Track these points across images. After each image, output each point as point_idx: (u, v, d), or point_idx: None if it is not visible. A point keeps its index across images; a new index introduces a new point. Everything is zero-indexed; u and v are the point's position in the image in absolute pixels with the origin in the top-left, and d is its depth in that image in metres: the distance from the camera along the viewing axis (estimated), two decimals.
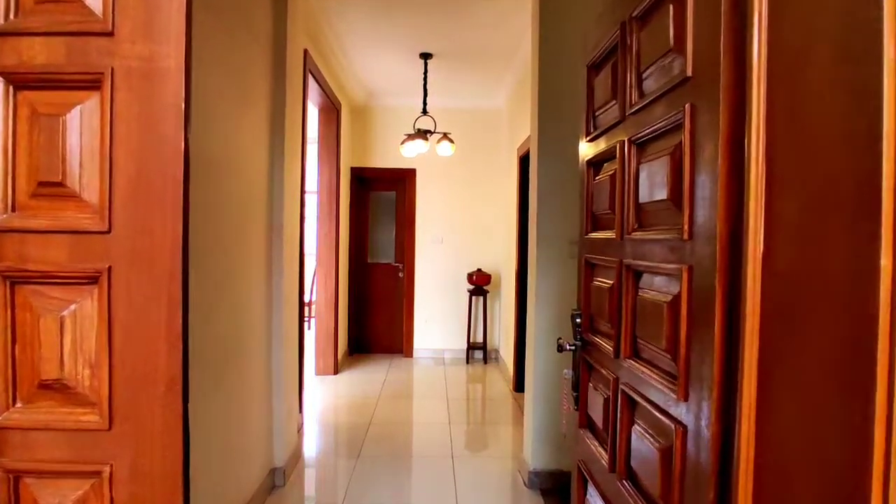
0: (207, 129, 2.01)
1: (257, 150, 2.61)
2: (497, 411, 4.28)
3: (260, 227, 2.65)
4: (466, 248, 6.00)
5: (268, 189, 2.76)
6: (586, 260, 1.56)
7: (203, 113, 1.97)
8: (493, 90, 5.51)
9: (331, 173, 5.15)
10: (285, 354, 2.93)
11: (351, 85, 5.26)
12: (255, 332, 2.59)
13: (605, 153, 1.40)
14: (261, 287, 2.68)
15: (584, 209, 1.60)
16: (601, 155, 1.44)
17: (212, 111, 2.04)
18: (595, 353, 1.48)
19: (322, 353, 5.18)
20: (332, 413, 4.14)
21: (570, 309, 2.98)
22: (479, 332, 5.99)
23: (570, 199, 2.87)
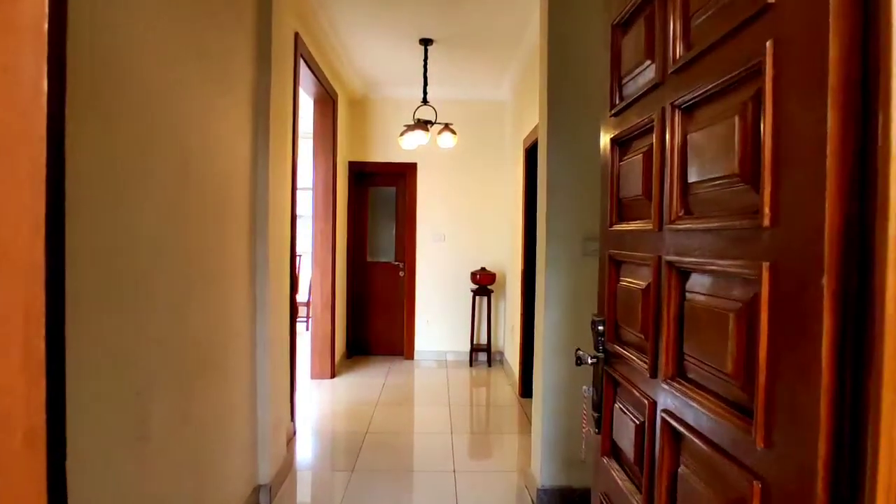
0: (181, 117, 1.78)
1: (238, 140, 2.37)
2: (502, 419, 4.03)
3: (241, 225, 2.41)
4: (470, 246, 5.76)
5: (250, 183, 2.51)
6: (610, 257, 1.32)
7: (175, 98, 1.73)
8: (497, 80, 5.26)
9: (327, 168, 4.91)
10: (272, 361, 2.69)
11: (347, 74, 5.02)
12: (236, 338, 2.35)
13: (637, 127, 1.15)
14: (243, 289, 2.44)
15: (607, 197, 1.35)
16: (630, 130, 1.19)
17: (186, 97, 1.80)
18: (622, 368, 1.23)
19: (318, 356, 4.94)
20: (327, 420, 3.91)
21: (584, 312, 2.74)
22: (482, 333, 5.75)
23: (584, 190, 2.62)
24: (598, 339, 1.37)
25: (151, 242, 1.62)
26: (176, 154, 1.77)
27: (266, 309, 2.62)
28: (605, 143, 1.40)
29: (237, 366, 2.36)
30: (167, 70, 1.71)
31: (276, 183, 2.73)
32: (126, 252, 1.48)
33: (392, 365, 5.53)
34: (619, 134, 1.27)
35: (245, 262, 2.46)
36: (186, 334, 1.85)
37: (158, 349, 1.66)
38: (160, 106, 1.66)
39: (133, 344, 1.52)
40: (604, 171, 1.41)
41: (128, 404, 1.50)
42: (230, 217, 2.28)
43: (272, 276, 2.67)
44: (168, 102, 1.71)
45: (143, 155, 1.57)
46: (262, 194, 2.60)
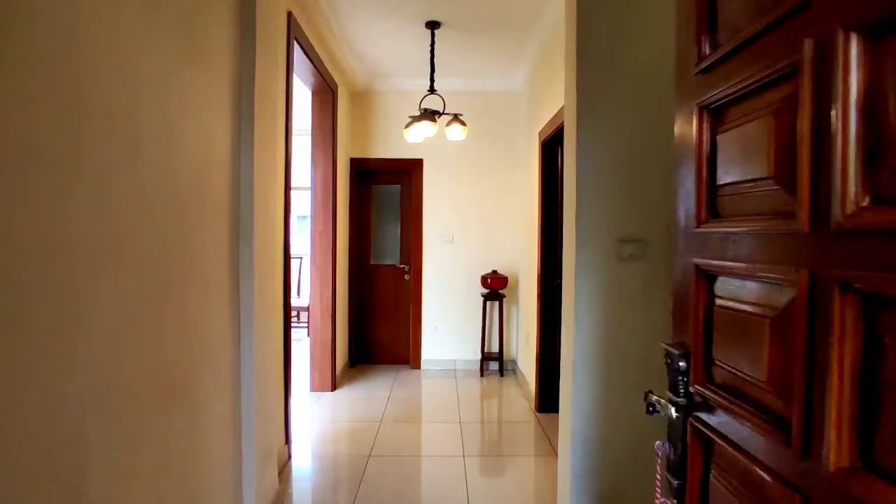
0: (127, 78, 1.42)
1: (216, 124, 2.02)
2: (519, 438, 3.66)
3: (221, 225, 2.06)
4: (480, 248, 5.39)
5: (231, 176, 2.16)
6: (697, 268, 0.95)
7: (116, 50, 1.37)
8: (510, 69, 4.89)
9: (326, 164, 4.56)
10: (260, 382, 2.33)
11: (348, 63, 4.66)
12: (212, 359, 1.99)
13: (755, 79, 0.79)
14: (222, 299, 2.08)
15: (689, 185, 0.98)
16: (739, 85, 0.82)
17: (132, 51, 1.45)
18: (724, 426, 0.86)
19: (318, 366, 4.59)
20: (327, 441, 3.55)
21: (620, 326, 2.36)
22: (493, 341, 5.38)
23: (618, 186, 2.25)
24: (677, 379, 1.00)
25: (85, 244, 1.26)
26: (122, 128, 1.42)
27: (252, 321, 2.26)
28: (682, 112, 1.03)
29: (214, 392, 2.00)
30: (142, 39, 1.35)
31: (264, 177, 2.38)
32: (42, 256, 1.12)
33: (397, 375, 5.18)
34: (712, 96, 0.91)
35: (225, 268, 2.11)
36: (139, 361, 1.50)
37: (93, 384, 1.30)
38: (93, 58, 1.31)
39: (51, 380, 1.16)
40: (680, 150, 1.05)
41: (47, 461, 1.14)
42: (206, 214, 1.92)
43: (260, 284, 2.31)
44: (106, 56, 1.36)
45: (69, 124, 1.21)
46: (246, 189, 2.24)
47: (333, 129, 4.55)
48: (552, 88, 3.81)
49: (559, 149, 4.02)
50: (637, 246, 2.25)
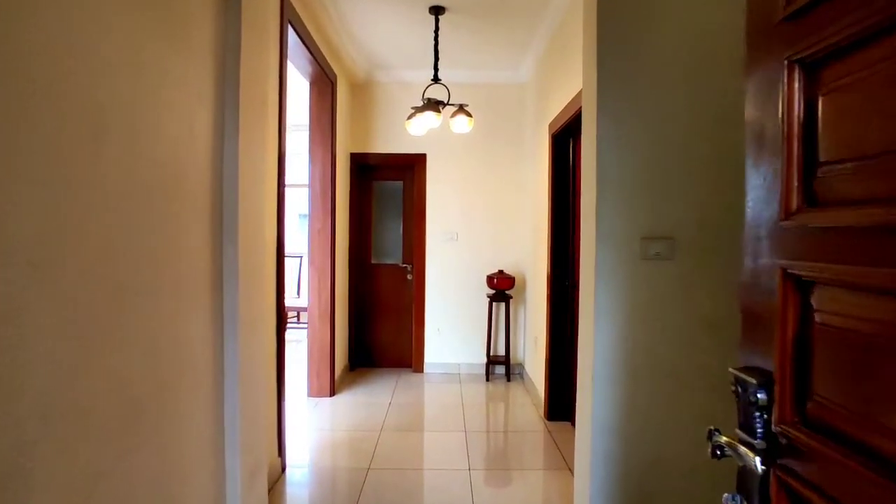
0: (84, 49, 1.21)
1: (195, 109, 1.80)
2: (528, 449, 3.44)
3: (199, 223, 1.84)
4: (486, 246, 5.17)
5: (213, 168, 1.94)
6: (786, 273, 0.72)
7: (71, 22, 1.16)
8: (516, 59, 4.67)
9: (325, 159, 4.34)
10: (246, 392, 2.12)
11: (347, 52, 4.44)
12: (188, 370, 1.78)
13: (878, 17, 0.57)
14: (202, 304, 1.87)
15: (776, 164, 0.76)
16: (857, 27, 0.60)
17: (96, 31, 1.23)
18: (831, 484, 0.64)
19: (316, 371, 4.38)
20: (325, 452, 3.34)
21: (645, 332, 2.12)
22: (500, 343, 5.16)
23: (642, 179, 2.03)
24: (751, 414, 0.78)
25: (25, 247, 1.05)
26: (78, 111, 1.20)
27: (237, 326, 2.05)
28: (760, 73, 0.81)
29: (191, 407, 1.79)
30: None
31: (252, 169, 2.16)
32: None
33: (399, 379, 4.96)
34: (810, 46, 0.68)
35: (206, 270, 1.89)
36: (95, 379, 1.28)
37: (37, 408, 1.09)
38: (41, 28, 1.09)
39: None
40: (755, 122, 0.82)
41: None
42: (182, 210, 1.71)
43: (246, 285, 2.10)
44: (60, 25, 1.14)
45: (6, 105, 1.00)
46: (230, 183, 2.03)
47: (332, 122, 4.34)
48: (563, 78, 3.58)
49: (571, 141, 3.80)
50: (664, 244, 2.03)
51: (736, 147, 2.10)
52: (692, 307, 2.02)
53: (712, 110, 2.01)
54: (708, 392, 2.02)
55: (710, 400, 2.02)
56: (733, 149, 2.01)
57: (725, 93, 1.99)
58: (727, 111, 2.00)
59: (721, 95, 2.01)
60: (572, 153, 3.79)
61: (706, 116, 2.02)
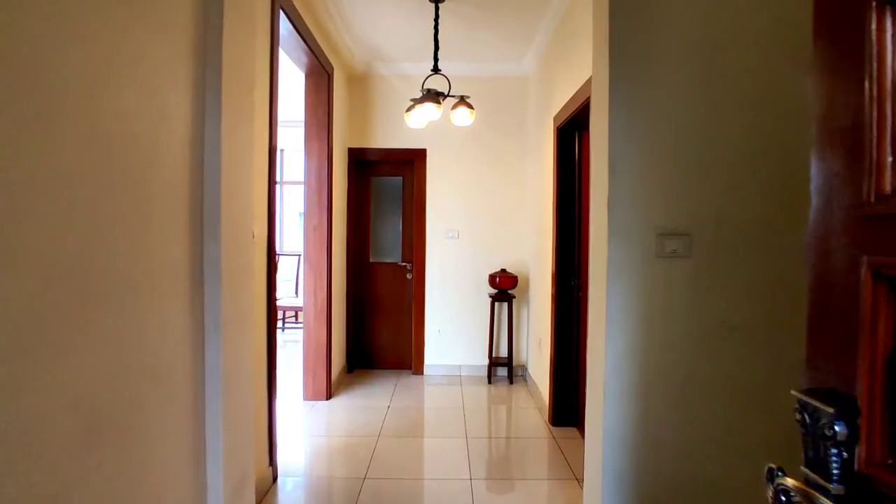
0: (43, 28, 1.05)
1: (171, 94, 1.65)
2: (533, 457, 3.28)
3: (176, 217, 1.69)
4: (487, 244, 5.01)
5: (192, 158, 1.79)
6: (878, 273, 0.57)
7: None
8: (519, 50, 4.50)
9: (321, 153, 4.19)
10: (231, 400, 1.97)
11: (344, 42, 4.29)
12: (163, 379, 1.62)
13: None
14: (179, 304, 1.71)
15: (874, 131, 0.60)
16: None
17: None
18: None
19: (311, 373, 4.23)
20: (320, 459, 3.18)
21: (658, 336, 1.93)
22: (502, 344, 5.00)
23: (657, 170, 1.87)
24: (825, 450, 0.62)
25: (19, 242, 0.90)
26: (28, 89, 1.05)
27: (220, 329, 1.89)
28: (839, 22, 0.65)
29: (166, 417, 1.64)
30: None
31: (237, 160, 2.00)
32: None
33: (399, 381, 4.81)
34: None
35: (184, 267, 1.74)
36: (42, 396, 1.13)
37: None
38: None
39: None
40: (825, 85, 0.66)
41: None
42: (154, 203, 1.55)
43: (230, 284, 1.94)
44: None
45: None
46: (212, 172, 1.87)
47: (329, 115, 4.18)
48: (569, 68, 3.42)
49: (577, 134, 3.64)
50: (680, 241, 1.87)
51: (760, 133, 1.94)
52: (710, 309, 1.87)
53: (734, 93, 1.86)
54: (729, 403, 1.86)
55: (731, 412, 1.87)
56: (757, 135, 1.85)
57: (749, 71, 1.83)
58: (750, 92, 1.84)
59: (743, 75, 1.85)
60: (578, 146, 3.63)
61: (727, 100, 1.86)
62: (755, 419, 1.85)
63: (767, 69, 1.84)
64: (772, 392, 1.84)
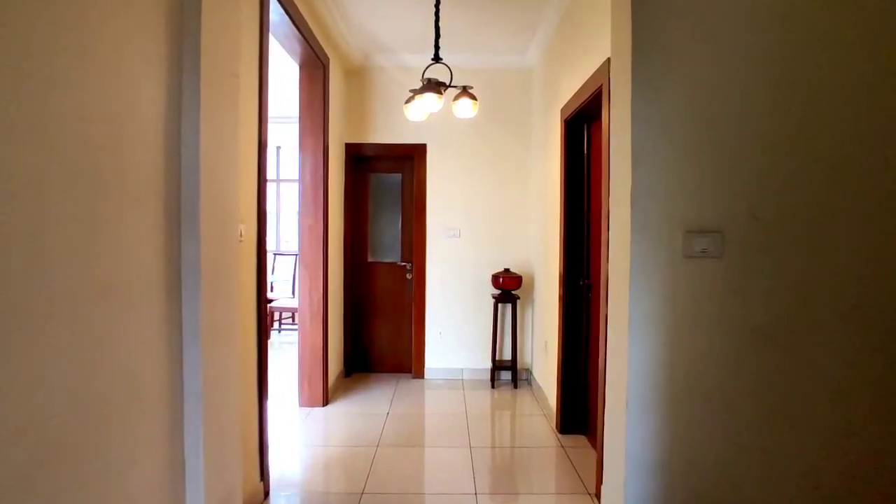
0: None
1: (141, 82, 1.46)
2: (542, 468, 3.10)
3: (147, 214, 1.51)
4: (490, 243, 4.83)
5: (167, 151, 1.60)
6: None
7: None
8: (524, 42, 4.31)
9: (316, 149, 4.00)
10: (211, 412, 1.78)
11: (341, 32, 4.10)
12: (136, 392, 1.44)
13: None
14: (152, 312, 1.53)
15: None
16: None
17: None
18: None
19: (307, 378, 4.04)
20: (314, 473, 3.00)
21: (686, 345, 1.68)
22: (506, 347, 4.82)
23: (686, 159, 1.69)
24: None
25: None
26: None
27: (199, 337, 1.71)
28: None
29: (133, 436, 1.45)
30: None
31: (219, 153, 1.82)
32: None
33: (398, 385, 4.63)
34: None
35: (157, 269, 1.56)
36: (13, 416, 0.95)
37: None
38: None
39: None
40: None
41: None
42: (121, 198, 1.37)
43: (211, 288, 1.76)
44: None
45: None
46: (190, 167, 1.69)
47: (324, 109, 3.99)
48: (577, 57, 3.24)
49: (585, 127, 3.45)
50: (711, 239, 1.69)
51: (811, 117, 1.74)
52: (744, 315, 1.68)
53: (776, 72, 1.67)
54: (764, 421, 1.68)
55: (767, 429, 1.68)
56: (797, 122, 1.67)
57: (800, 45, 1.64)
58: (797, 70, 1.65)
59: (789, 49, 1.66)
60: (587, 140, 3.45)
61: (769, 80, 1.67)
62: (794, 438, 1.67)
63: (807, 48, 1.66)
64: (811, 409, 1.66)
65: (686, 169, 1.69)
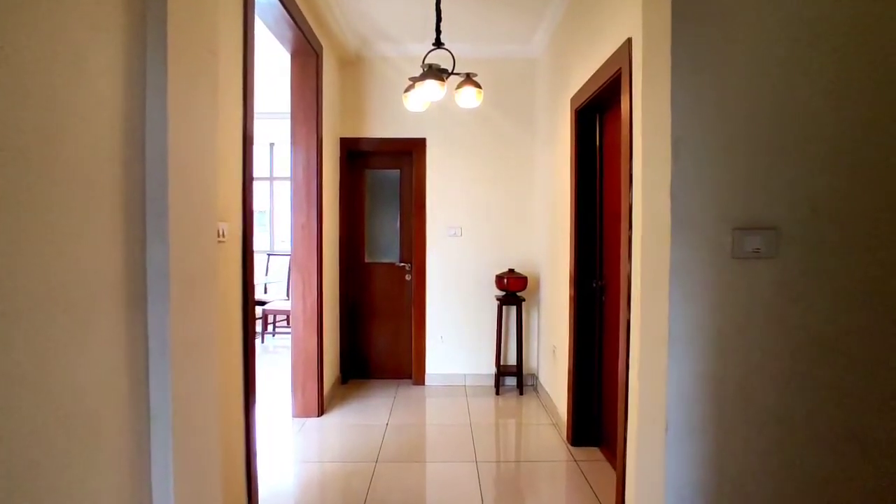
0: None
1: (90, 54, 1.22)
2: (554, 486, 2.86)
3: (99, 210, 1.26)
4: (494, 243, 4.59)
5: (125, 134, 1.36)
6: None
7: None
8: (529, 30, 4.07)
9: (309, 143, 3.76)
10: (182, 438, 1.54)
11: (335, 17, 3.85)
12: (83, 422, 1.20)
13: None
14: (107, 327, 1.29)
15: None
16: None
17: None
18: None
19: (301, 387, 3.80)
20: (306, 494, 2.75)
21: (736, 361, 1.34)
22: (510, 351, 4.58)
23: (739, 140, 1.45)
24: None
25: None
26: None
27: (168, 352, 1.46)
28: None
29: (85, 481, 1.21)
30: None
31: (191, 139, 1.57)
32: None
33: (398, 393, 4.39)
34: None
35: (116, 279, 1.31)
36: None
37: None
38: None
39: None
40: None
41: None
42: (61, 190, 1.13)
43: (183, 295, 1.52)
44: None
45: None
46: (156, 158, 1.44)
47: (317, 101, 3.75)
48: (589, 43, 3.00)
49: (598, 117, 3.22)
50: (765, 237, 1.45)
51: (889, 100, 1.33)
52: (804, 325, 1.45)
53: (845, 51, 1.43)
54: (828, 448, 1.45)
55: (830, 455, 1.45)
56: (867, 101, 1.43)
57: (874, 21, 1.41)
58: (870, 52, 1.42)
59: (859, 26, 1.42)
60: (599, 131, 3.21)
61: (827, 58, 1.44)
62: (863, 465, 1.44)
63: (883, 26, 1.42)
64: (884, 431, 1.43)
65: (736, 157, 1.45)
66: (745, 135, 1.45)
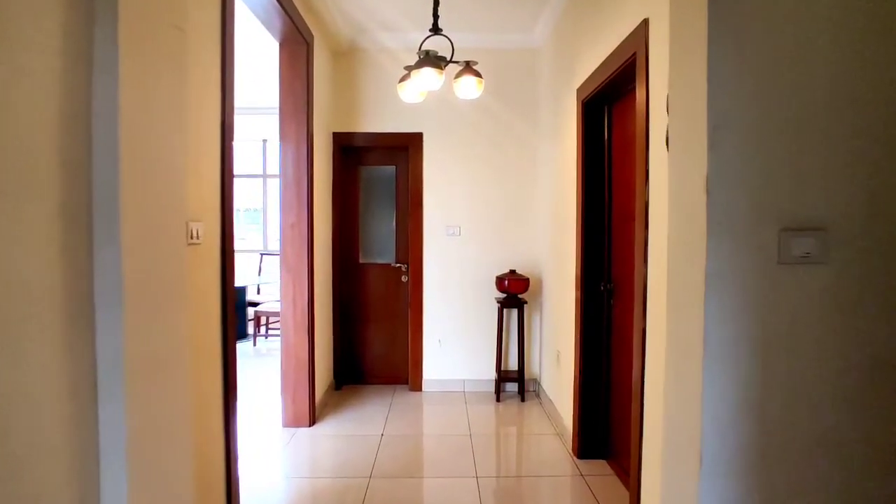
0: None
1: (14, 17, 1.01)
2: (561, 502, 2.67)
3: (28, 214, 1.05)
4: (494, 242, 4.38)
5: (61, 116, 1.15)
6: None
7: None
8: (531, 18, 3.86)
9: (299, 138, 3.54)
10: (139, 470, 1.34)
11: (327, 5, 3.63)
12: (14, 474, 0.99)
13: None
14: (40, 352, 1.08)
15: None
16: None
17: None
18: None
19: (291, 395, 3.60)
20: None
21: (780, 378, 1.16)
22: (511, 356, 4.38)
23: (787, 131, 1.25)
24: None
25: None
26: None
27: (122, 374, 1.26)
28: None
29: None
30: None
31: (147, 126, 1.36)
32: None
33: (394, 400, 4.18)
34: None
35: (51, 290, 1.10)
36: None
37: None
38: None
39: None
40: None
41: None
42: None
43: (140, 309, 1.31)
44: None
45: None
46: (105, 147, 1.23)
47: (308, 94, 3.54)
48: (598, 30, 2.80)
49: (606, 109, 3.01)
50: (814, 239, 1.25)
51: None
52: (859, 340, 1.25)
53: None
54: (886, 481, 1.25)
55: (885, 490, 1.26)
56: None
57: None
58: None
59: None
60: (608, 123, 3.01)
61: (886, 36, 1.24)
62: None
63: None
64: None
65: (782, 148, 1.25)
66: (793, 123, 1.24)
